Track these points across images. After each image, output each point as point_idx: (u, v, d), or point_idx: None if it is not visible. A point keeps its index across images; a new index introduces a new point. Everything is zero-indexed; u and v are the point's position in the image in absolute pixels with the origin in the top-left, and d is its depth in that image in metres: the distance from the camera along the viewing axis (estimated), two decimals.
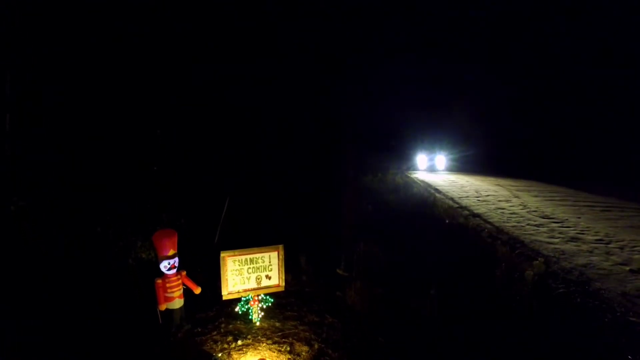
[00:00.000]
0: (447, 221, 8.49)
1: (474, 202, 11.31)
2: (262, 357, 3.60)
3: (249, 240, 5.57)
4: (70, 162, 7.16)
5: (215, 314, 4.52)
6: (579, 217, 9.70)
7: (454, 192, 12.90)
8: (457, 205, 10.71)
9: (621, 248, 7.21)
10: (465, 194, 12.58)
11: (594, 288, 5.48)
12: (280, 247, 4.39)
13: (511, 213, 9.77)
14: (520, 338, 4.23)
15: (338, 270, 5.86)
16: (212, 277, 4.97)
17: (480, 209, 10.08)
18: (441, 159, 19.68)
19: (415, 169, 19.19)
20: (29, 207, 4.89)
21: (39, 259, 4.72)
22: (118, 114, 8.87)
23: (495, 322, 4.52)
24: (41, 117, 7.59)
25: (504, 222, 8.96)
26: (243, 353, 3.81)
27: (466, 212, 9.62)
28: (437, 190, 13.23)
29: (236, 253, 4.23)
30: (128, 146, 8.20)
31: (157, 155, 8.24)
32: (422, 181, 15.30)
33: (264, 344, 3.98)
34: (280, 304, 4.79)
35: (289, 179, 11.06)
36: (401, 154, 20.43)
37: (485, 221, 8.99)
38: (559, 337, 4.29)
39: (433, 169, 19.21)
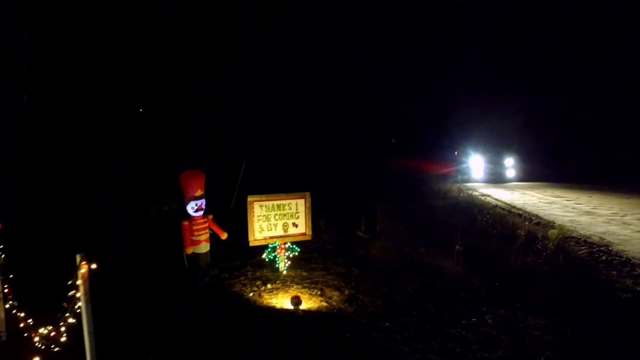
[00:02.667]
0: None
1: None
2: (296, 295, 3.52)
3: None
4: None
5: (240, 263, 4.44)
6: (590, 197, 9.71)
7: None
8: None
9: (638, 219, 7.19)
10: None
11: (616, 250, 5.44)
12: (307, 194, 4.32)
13: None
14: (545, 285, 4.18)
15: (358, 232, 5.80)
16: (233, 235, 4.86)
17: None
18: (511, 164, 14.20)
19: (469, 178, 14.11)
20: (46, 156, 4.81)
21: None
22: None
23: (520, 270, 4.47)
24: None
25: None
26: (274, 294, 3.72)
27: None
28: None
29: (263, 198, 4.15)
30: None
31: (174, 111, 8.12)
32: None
33: (294, 287, 3.90)
34: (305, 258, 4.71)
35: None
36: (445, 159, 15.84)
37: None
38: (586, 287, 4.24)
39: (499, 179, 13.85)
